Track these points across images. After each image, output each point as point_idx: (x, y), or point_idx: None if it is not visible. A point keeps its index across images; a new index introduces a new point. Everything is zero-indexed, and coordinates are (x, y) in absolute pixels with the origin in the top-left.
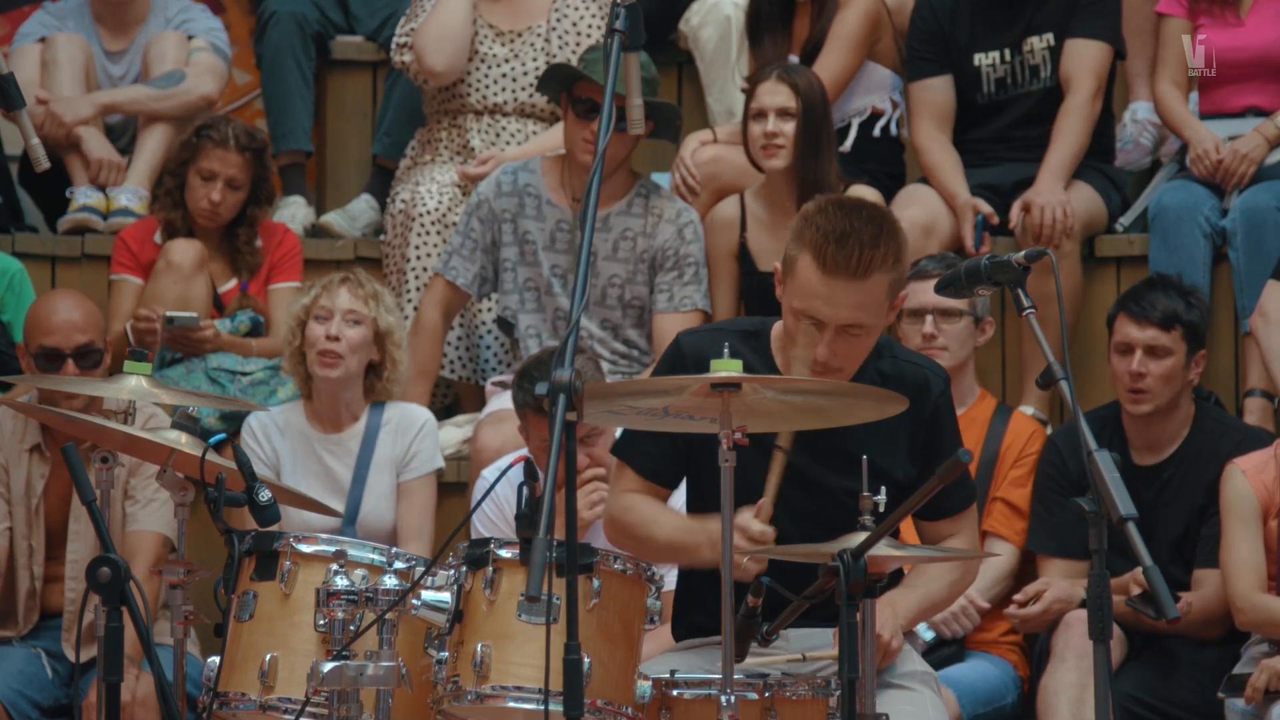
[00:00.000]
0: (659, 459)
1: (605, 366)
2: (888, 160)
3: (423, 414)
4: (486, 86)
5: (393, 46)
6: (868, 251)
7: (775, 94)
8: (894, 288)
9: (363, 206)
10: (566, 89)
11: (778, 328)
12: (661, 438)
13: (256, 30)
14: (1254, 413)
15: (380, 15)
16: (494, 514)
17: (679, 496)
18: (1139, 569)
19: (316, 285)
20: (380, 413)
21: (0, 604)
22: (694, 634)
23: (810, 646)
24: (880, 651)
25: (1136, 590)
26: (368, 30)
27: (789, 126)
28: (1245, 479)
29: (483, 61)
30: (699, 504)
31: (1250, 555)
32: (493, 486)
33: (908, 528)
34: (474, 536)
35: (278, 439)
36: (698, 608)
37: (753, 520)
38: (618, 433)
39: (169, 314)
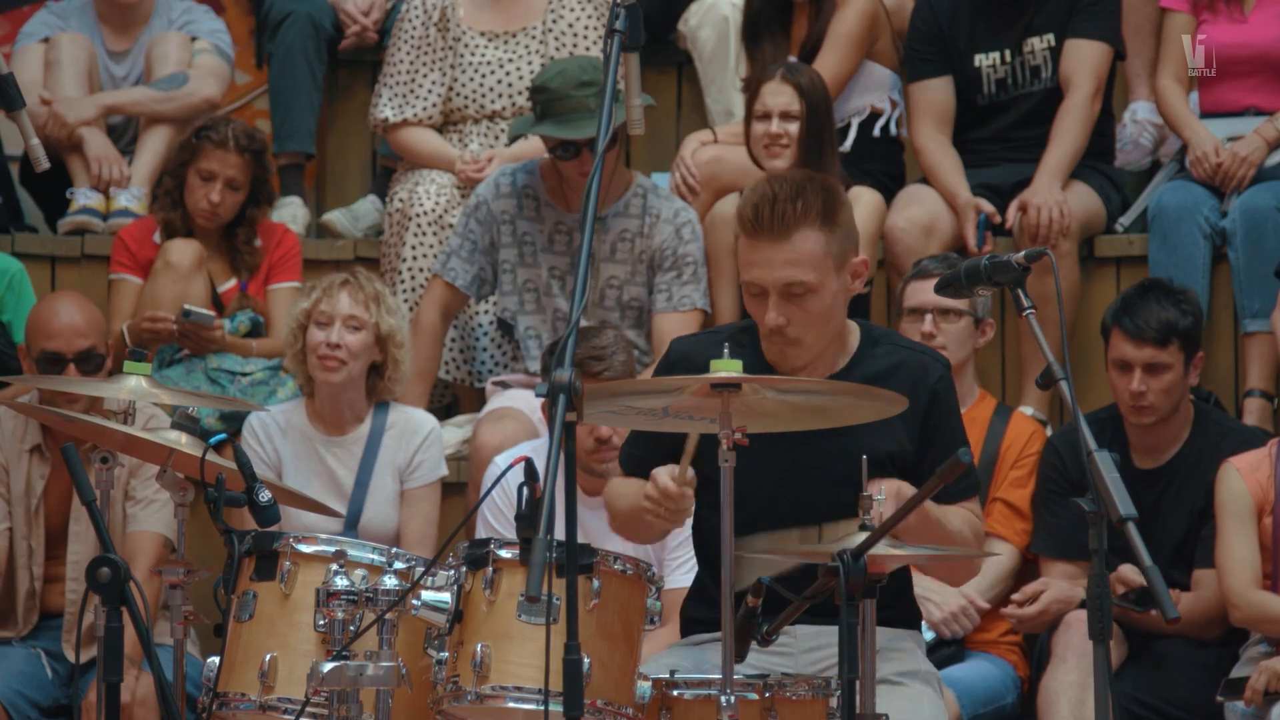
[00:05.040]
0: (640, 458)
1: None
2: (887, 160)
3: (428, 421)
4: (483, 95)
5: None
6: (783, 206)
7: (779, 95)
8: (833, 246)
9: (368, 207)
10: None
11: None
12: (644, 438)
13: (269, 29)
14: (1253, 413)
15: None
16: (503, 503)
17: None
18: (1121, 567)
19: (317, 288)
20: (385, 416)
21: (0, 604)
22: (697, 629)
23: (814, 645)
24: None
25: (1121, 589)
26: None
27: (793, 128)
28: (1240, 477)
29: (476, 71)
30: None
31: (1245, 552)
32: (491, 488)
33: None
34: (481, 525)
35: (279, 439)
36: (706, 602)
37: (668, 478)
38: None
39: (186, 307)
